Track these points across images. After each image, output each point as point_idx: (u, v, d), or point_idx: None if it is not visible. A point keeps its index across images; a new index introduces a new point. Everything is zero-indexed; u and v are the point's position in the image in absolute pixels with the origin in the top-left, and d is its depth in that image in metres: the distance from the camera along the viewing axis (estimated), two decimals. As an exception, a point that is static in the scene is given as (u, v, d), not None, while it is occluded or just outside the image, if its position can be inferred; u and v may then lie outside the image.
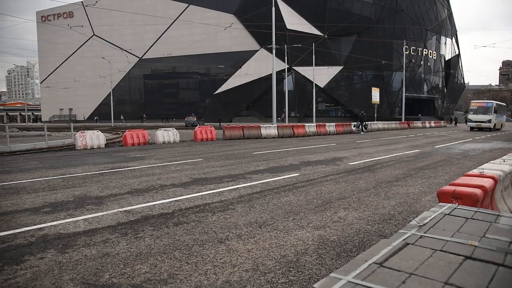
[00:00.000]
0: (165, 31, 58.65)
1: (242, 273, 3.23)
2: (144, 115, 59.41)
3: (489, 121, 31.55)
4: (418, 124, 43.22)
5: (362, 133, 29.18)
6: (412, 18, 54.21)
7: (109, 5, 51.56)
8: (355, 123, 30.64)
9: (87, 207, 5.62)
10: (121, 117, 57.43)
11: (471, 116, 33.13)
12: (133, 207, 5.62)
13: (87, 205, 5.78)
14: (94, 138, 16.65)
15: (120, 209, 5.47)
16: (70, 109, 69.29)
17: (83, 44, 63.79)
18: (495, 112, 32.55)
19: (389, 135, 26.36)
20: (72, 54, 65.69)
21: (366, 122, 31.12)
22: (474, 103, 34.35)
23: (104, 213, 5.29)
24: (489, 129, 31.75)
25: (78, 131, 17.07)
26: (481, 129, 31.96)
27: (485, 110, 32.22)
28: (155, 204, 5.77)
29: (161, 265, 3.45)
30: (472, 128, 33.02)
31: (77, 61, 65.05)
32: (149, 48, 60.13)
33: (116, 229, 4.56)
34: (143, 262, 3.52)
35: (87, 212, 5.33)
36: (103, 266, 3.42)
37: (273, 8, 27.20)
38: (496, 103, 34.24)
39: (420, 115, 51.90)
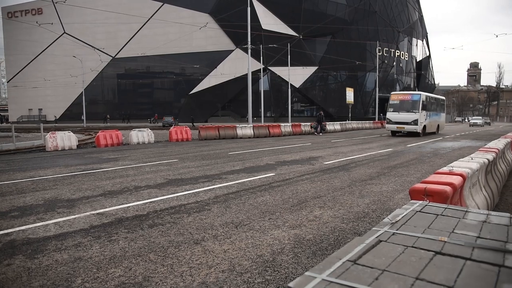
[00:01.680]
0: (139, 29, 57.55)
1: (218, 274, 3.22)
2: (108, 116, 57.88)
3: (415, 121, 22.02)
4: None
5: (320, 134, 26.81)
6: (384, 20, 55.53)
7: (81, 2, 50.22)
8: (313, 124, 28.26)
9: (58, 211, 5.45)
10: (82, 117, 55.92)
11: (390, 115, 23.21)
12: (107, 209, 5.49)
13: (58, 208, 5.61)
14: (65, 139, 16.18)
15: (93, 212, 5.34)
16: (40, 109, 66.93)
17: (53, 42, 61.69)
18: (424, 108, 22.74)
19: (363, 134, 26.87)
20: (41, 52, 63.39)
21: (324, 123, 28.21)
22: (395, 96, 24.02)
23: (76, 216, 5.14)
24: (416, 134, 22.39)
25: (48, 132, 16.52)
26: (410, 134, 22.73)
27: (409, 106, 22.60)
28: (129, 206, 5.66)
29: (135, 268, 3.39)
30: (393, 133, 23.73)
31: (46, 60, 62.86)
32: (123, 47, 58.85)
33: (88, 232, 4.44)
34: (117, 265, 3.45)
35: (58, 216, 5.17)
36: (75, 271, 3.33)
37: (249, 8, 27.21)
38: (426, 95, 24.30)
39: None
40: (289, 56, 42.14)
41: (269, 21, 50.68)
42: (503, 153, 7.74)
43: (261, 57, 41.27)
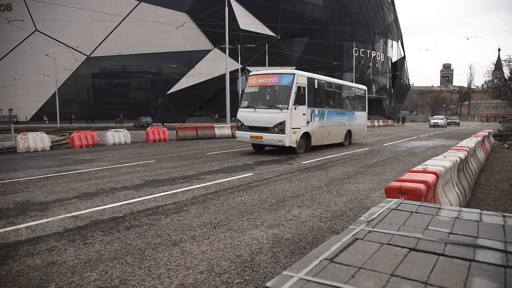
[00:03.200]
0: (114, 28, 56.41)
1: (197, 275, 3.19)
2: (73, 116, 56.57)
3: (280, 127, 11.95)
4: (367, 123, 45.07)
5: None
6: (361, 21, 56.57)
7: (53, -1, 48.84)
8: None
9: (30, 214, 5.28)
10: (45, 118, 54.21)
11: (242, 114, 13.04)
12: (82, 212, 5.36)
13: (30, 211, 5.43)
14: (38, 140, 15.69)
15: (67, 215, 5.20)
16: (10, 110, 64.66)
17: (24, 40, 59.65)
18: (303, 101, 12.53)
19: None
20: (11, 50, 61.20)
21: None
22: (253, 78, 13.12)
23: (50, 219, 4.99)
24: (289, 150, 12.57)
25: (19, 133, 15.98)
26: (276, 148, 13.86)
27: (275, 97, 12.63)
28: (105, 208, 5.54)
29: (112, 271, 3.32)
30: (255, 146, 13.86)
31: (17, 58, 60.66)
32: (98, 46, 57.55)
33: (63, 235, 4.32)
34: (92, 269, 3.37)
35: (30, 219, 5.00)
36: (48, 276, 3.23)
37: (226, 8, 27.15)
38: (309, 78, 13.07)
39: None
40: (267, 56, 42.31)
41: (247, 21, 50.72)
42: (474, 152, 8.00)
43: (239, 57, 41.26)
